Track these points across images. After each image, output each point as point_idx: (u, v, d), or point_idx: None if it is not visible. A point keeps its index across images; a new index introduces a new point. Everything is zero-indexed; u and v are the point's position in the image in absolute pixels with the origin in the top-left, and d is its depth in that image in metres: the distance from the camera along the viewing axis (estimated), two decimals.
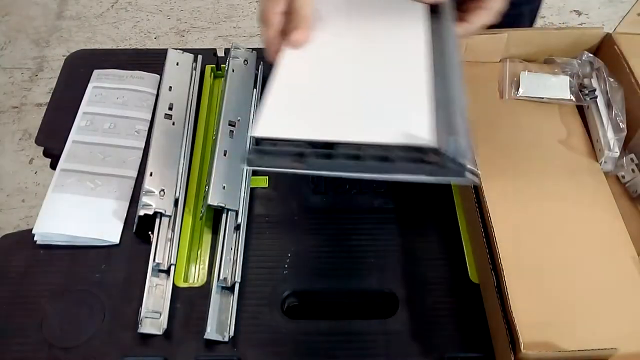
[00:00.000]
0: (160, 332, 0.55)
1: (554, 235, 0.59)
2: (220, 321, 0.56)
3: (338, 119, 0.43)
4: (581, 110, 0.70)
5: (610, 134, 0.66)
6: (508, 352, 0.50)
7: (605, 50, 0.72)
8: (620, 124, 0.66)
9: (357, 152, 0.41)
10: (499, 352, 0.54)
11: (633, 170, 0.64)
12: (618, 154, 0.65)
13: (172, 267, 0.60)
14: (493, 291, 0.53)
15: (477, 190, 0.59)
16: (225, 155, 0.65)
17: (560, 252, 0.58)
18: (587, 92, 0.69)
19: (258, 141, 0.43)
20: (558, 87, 0.70)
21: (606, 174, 0.64)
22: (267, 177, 0.68)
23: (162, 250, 0.60)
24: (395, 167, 0.41)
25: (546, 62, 0.74)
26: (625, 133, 0.66)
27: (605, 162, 0.65)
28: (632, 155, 0.65)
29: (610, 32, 0.72)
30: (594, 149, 0.66)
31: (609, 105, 0.68)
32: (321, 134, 0.42)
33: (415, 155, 0.41)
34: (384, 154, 0.41)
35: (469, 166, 0.40)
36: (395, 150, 0.41)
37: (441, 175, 0.41)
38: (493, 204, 0.58)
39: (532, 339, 0.50)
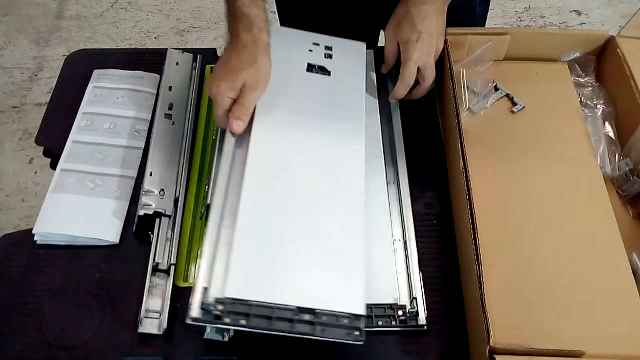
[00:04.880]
0: (160, 332, 0.55)
1: (543, 233, 0.59)
2: None
3: (294, 285, 0.52)
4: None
5: (604, 145, 0.66)
6: (484, 345, 0.50)
7: (607, 53, 0.72)
8: (613, 137, 0.68)
9: (291, 317, 0.50)
10: (474, 345, 0.54)
11: (627, 175, 0.64)
12: (612, 162, 0.65)
13: (172, 267, 0.60)
14: (475, 287, 0.53)
15: (468, 186, 0.59)
16: None
17: (547, 251, 0.58)
18: (585, 105, 0.70)
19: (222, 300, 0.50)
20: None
21: (605, 177, 0.64)
22: None
23: (162, 250, 0.60)
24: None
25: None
26: (618, 146, 0.67)
27: (602, 166, 0.65)
28: (628, 160, 0.65)
29: (612, 33, 0.72)
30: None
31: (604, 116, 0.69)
32: (281, 299, 0.50)
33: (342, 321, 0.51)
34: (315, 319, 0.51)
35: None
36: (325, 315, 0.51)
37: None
38: (481, 199, 0.58)
39: (504, 334, 0.50)
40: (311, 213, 0.57)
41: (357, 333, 0.51)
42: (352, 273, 0.54)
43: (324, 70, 0.69)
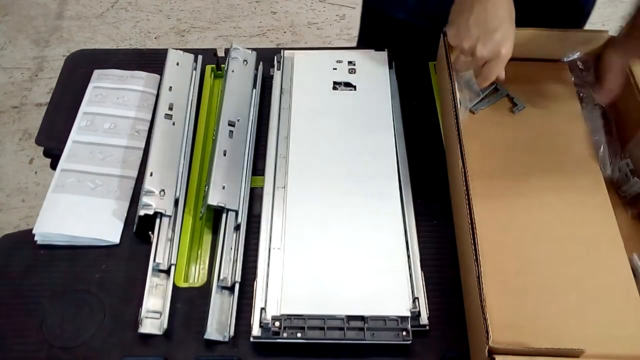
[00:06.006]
0: (160, 332, 0.55)
1: (542, 233, 0.59)
2: (220, 321, 0.56)
3: (342, 295, 0.56)
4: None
5: (604, 145, 0.66)
6: (483, 345, 0.50)
7: None
8: (613, 137, 0.68)
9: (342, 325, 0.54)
10: (474, 345, 0.54)
11: (627, 175, 0.64)
12: (612, 162, 0.65)
13: (172, 267, 0.60)
14: (475, 287, 0.53)
15: (467, 186, 0.59)
16: (225, 155, 0.65)
17: (547, 251, 0.58)
18: (585, 102, 0.70)
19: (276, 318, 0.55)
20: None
21: (605, 177, 0.64)
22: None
23: (162, 250, 0.60)
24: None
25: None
26: (618, 147, 0.67)
27: (602, 167, 0.65)
28: (628, 160, 0.65)
29: (612, 33, 0.72)
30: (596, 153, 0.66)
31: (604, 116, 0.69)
32: (332, 309, 0.55)
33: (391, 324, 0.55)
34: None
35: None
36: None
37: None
38: (480, 199, 0.58)
39: (503, 333, 0.50)
40: (351, 225, 0.61)
41: (404, 333, 0.54)
42: (395, 278, 0.57)
43: (349, 86, 0.73)
